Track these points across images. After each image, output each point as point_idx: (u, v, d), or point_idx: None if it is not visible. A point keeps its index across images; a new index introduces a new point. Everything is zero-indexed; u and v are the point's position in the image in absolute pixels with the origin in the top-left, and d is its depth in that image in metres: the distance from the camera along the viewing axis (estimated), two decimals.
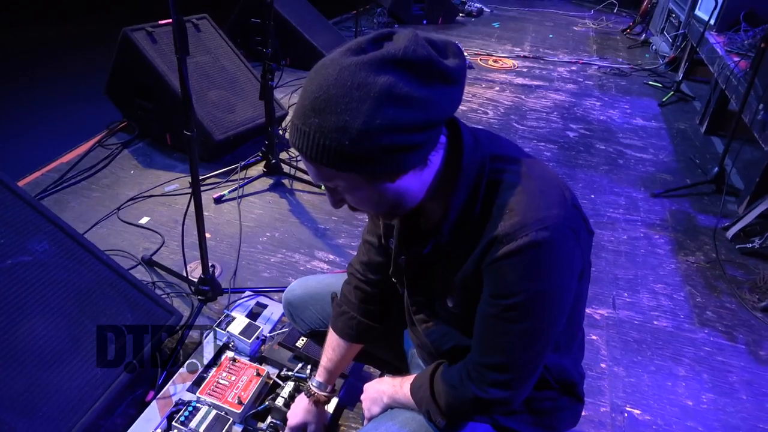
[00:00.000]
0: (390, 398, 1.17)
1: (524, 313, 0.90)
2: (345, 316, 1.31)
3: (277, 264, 2.37)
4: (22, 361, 1.45)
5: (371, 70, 0.77)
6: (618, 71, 5.43)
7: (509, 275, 0.88)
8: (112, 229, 2.50)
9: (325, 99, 0.78)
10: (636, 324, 2.22)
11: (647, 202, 3.12)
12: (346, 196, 0.91)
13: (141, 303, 1.77)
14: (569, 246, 0.89)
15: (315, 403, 1.42)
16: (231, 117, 3.12)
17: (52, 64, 4.49)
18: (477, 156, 0.93)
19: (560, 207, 0.89)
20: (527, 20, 7.44)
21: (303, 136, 0.81)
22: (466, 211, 0.93)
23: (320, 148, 0.80)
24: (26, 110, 3.64)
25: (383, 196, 0.88)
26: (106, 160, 3.02)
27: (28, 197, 1.73)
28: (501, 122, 4.05)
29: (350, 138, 0.77)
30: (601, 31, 7.16)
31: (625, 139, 3.95)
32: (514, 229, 0.86)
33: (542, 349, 0.96)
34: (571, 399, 1.15)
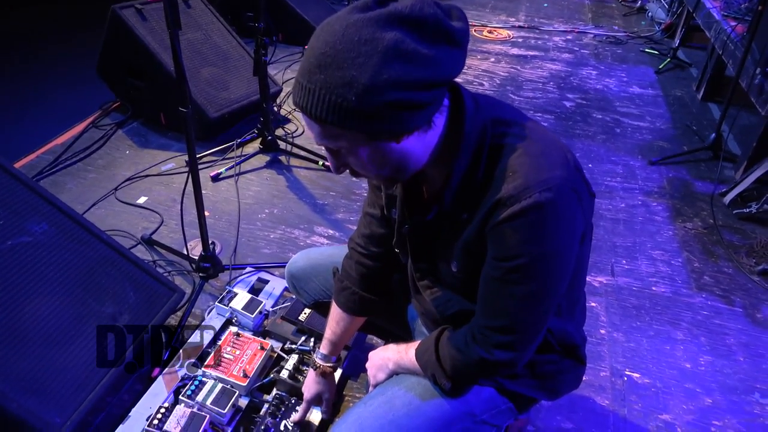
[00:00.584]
0: (395, 364, 1.19)
1: (527, 275, 0.91)
2: (347, 291, 1.32)
3: (276, 240, 2.37)
4: (27, 340, 1.46)
5: (378, 26, 0.77)
6: (614, 39, 5.38)
7: (513, 237, 0.89)
8: (110, 209, 2.49)
9: (332, 55, 0.78)
10: (634, 290, 2.24)
11: (645, 170, 3.12)
12: (349, 158, 0.90)
13: (143, 281, 1.78)
14: (572, 207, 0.90)
15: (322, 374, 1.44)
16: (225, 94, 3.09)
17: (43, 45, 4.41)
18: (478, 120, 0.93)
19: (563, 168, 0.90)
20: None
21: (308, 93, 0.81)
22: (469, 176, 0.93)
23: (325, 104, 0.79)
24: (18, 92, 3.59)
25: (387, 157, 0.88)
26: (101, 141, 3.00)
27: (26, 179, 1.72)
28: (497, 93, 4.02)
29: (356, 93, 0.77)
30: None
31: (622, 107, 3.93)
32: (518, 191, 0.86)
33: (546, 310, 0.97)
34: (573, 362, 1.17)
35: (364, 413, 1.09)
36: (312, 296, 1.51)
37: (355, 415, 1.10)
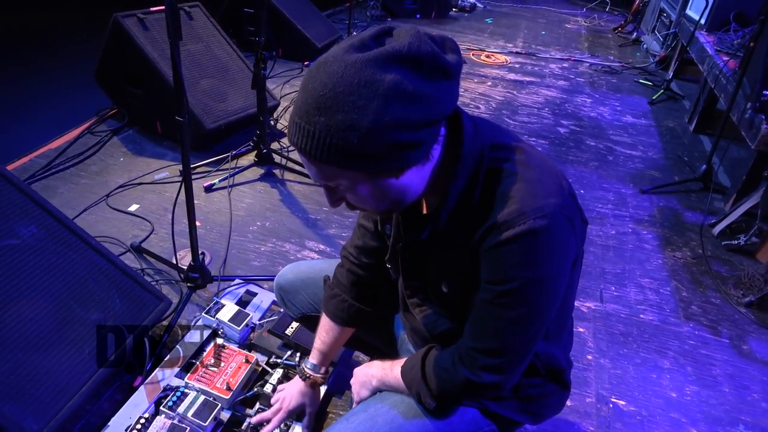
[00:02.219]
0: (379, 381, 1.18)
1: (518, 300, 0.91)
2: (336, 299, 1.32)
3: (267, 253, 2.36)
4: (8, 344, 1.43)
5: (377, 66, 0.76)
6: (609, 69, 5.47)
7: (506, 261, 0.89)
8: (101, 216, 2.48)
9: (332, 97, 0.77)
10: (623, 317, 2.25)
11: (636, 198, 3.15)
12: (348, 194, 0.91)
13: (130, 289, 1.76)
14: (565, 234, 0.91)
15: (311, 385, 1.43)
16: (222, 106, 3.10)
17: (42, 49, 4.43)
18: (477, 144, 0.93)
19: (558, 196, 0.90)
20: (520, 17, 7.46)
21: (307, 135, 0.80)
22: (465, 198, 0.94)
23: (326, 147, 0.79)
24: (15, 95, 3.59)
25: (385, 193, 0.89)
26: (96, 147, 2.99)
27: (17, 181, 1.71)
28: (493, 117, 4.06)
29: (359, 136, 0.77)
30: (592, 29, 7.20)
31: (615, 135, 3.98)
32: (513, 217, 0.87)
33: (534, 335, 0.97)
34: (558, 386, 1.16)
35: (346, 429, 1.08)
36: (299, 309, 1.50)
37: (337, 428, 1.09)
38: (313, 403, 1.46)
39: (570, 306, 1.14)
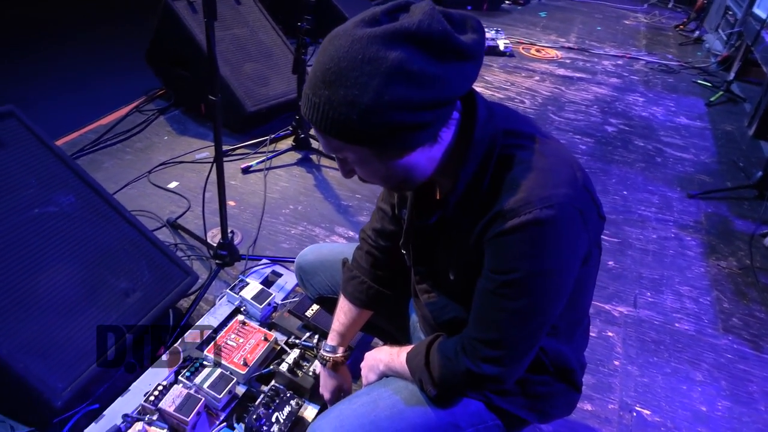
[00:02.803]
0: (386, 366, 1.17)
1: (520, 291, 0.89)
2: (355, 281, 1.32)
3: (297, 236, 2.39)
4: (40, 306, 1.51)
5: (383, 43, 0.75)
6: (666, 68, 5.24)
7: (509, 251, 0.87)
8: (142, 191, 2.57)
9: (336, 71, 0.77)
10: (656, 324, 2.16)
11: (682, 203, 3.01)
12: (356, 168, 0.91)
13: (159, 262, 1.82)
14: (574, 227, 0.87)
15: (333, 367, 1.40)
16: (264, 90, 3.15)
17: (99, 31, 4.61)
18: (489, 130, 0.91)
19: (569, 187, 0.87)
20: (576, 11, 7.24)
21: (313, 106, 0.81)
22: (474, 184, 0.92)
23: (329, 120, 0.80)
24: (72, 74, 3.76)
25: (391, 171, 0.88)
26: (142, 125, 3.09)
27: (60, 152, 1.79)
28: (537, 112, 3.97)
29: (358, 113, 0.77)
30: (652, 25, 6.91)
31: (666, 137, 3.81)
32: (518, 205, 0.85)
33: (536, 329, 0.94)
34: (567, 386, 1.13)
35: (347, 410, 1.08)
36: (317, 290, 1.51)
37: (338, 411, 1.09)
38: (346, 380, 1.42)
39: (584, 305, 1.10)
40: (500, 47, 5.05)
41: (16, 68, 3.74)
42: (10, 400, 1.49)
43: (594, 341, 2.04)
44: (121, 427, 1.42)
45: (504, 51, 5.06)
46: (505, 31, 5.47)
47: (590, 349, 1.98)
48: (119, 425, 1.42)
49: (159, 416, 1.45)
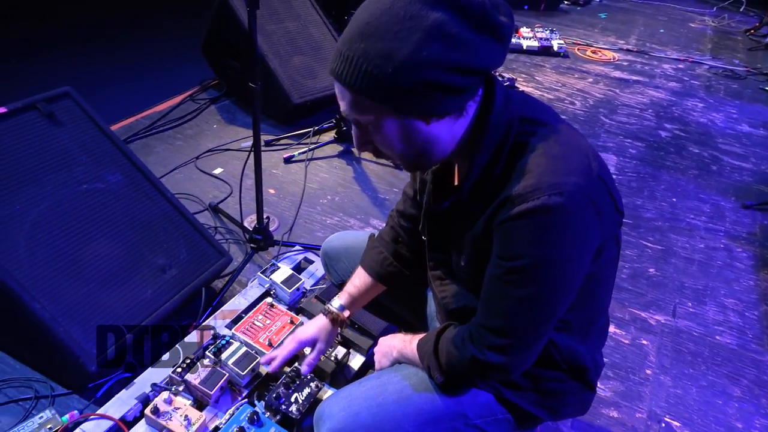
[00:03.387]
0: (399, 353, 1.19)
1: (527, 278, 0.88)
2: (374, 251, 1.35)
3: (332, 226, 2.43)
4: (83, 275, 1.60)
5: (426, 4, 0.78)
6: (731, 73, 4.99)
7: (517, 237, 0.87)
8: (189, 175, 2.67)
9: (375, 25, 0.79)
10: (695, 336, 2.07)
11: (736, 213, 2.87)
12: (375, 135, 0.91)
13: (197, 242, 1.90)
14: (585, 217, 0.86)
15: (332, 321, 1.40)
16: (311, 83, 3.21)
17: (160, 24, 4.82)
18: (505, 117, 0.91)
19: (581, 175, 0.86)
20: (638, 12, 6.98)
21: (345, 60, 0.82)
22: (488, 170, 0.92)
23: (361, 73, 0.81)
24: (134, 63, 3.95)
25: (412, 137, 0.88)
26: (194, 113, 3.21)
27: (111, 134, 1.89)
28: (587, 114, 3.86)
29: (394, 66, 0.78)
30: (720, 29, 6.58)
31: (725, 144, 3.64)
32: (527, 191, 0.84)
33: (543, 320, 0.93)
34: (581, 385, 1.11)
35: (356, 392, 1.10)
36: (340, 276, 1.54)
37: (347, 392, 1.11)
38: (326, 340, 1.43)
39: (600, 303, 1.08)
40: (554, 47, 4.94)
41: (84, 55, 3.97)
42: (51, 363, 1.59)
43: (626, 348, 1.98)
44: (149, 395, 1.49)
45: (558, 51, 4.95)
46: (561, 32, 5.35)
47: (622, 356, 1.93)
48: (148, 393, 1.50)
49: (185, 387, 1.51)
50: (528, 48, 4.93)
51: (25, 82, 3.37)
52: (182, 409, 1.42)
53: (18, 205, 1.58)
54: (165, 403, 1.42)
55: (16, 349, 1.66)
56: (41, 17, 4.63)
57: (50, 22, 4.57)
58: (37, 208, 1.61)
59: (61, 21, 4.63)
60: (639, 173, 3.16)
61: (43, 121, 1.74)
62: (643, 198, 2.91)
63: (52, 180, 1.67)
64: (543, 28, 5.30)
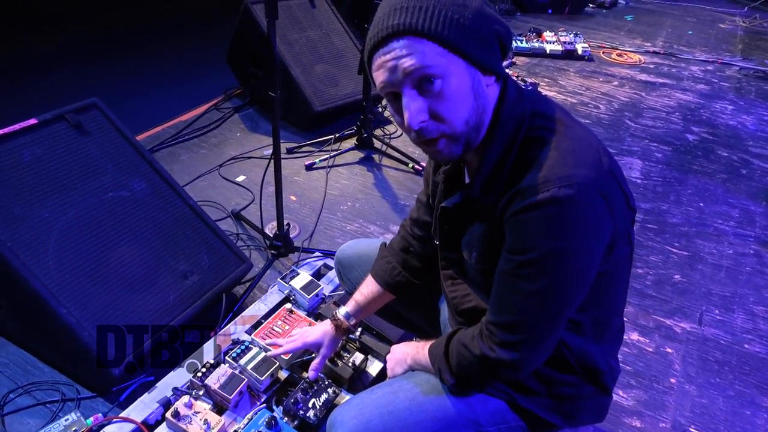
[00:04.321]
0: (412, 359, 1.19)
1: (537, 271, 0.88)
2: (383, 260, 1.36)
3: (352, 232, 2.45)
4: (109, 281, 1.65)
5: None
6: (763, 75, 4.86)
7: (527, 230, 0.87)
8: (212, 183, 2.72)
9: None
10: (722, 344, 2.02)
11: (766, 218, 2.79)
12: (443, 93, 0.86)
13: (218, 248, 1.93)
14: (595, 210, 0.85)
15: (336, 327, 1.41)
16: (333, 90, 3.24)
17: (187, 34, 4.93)
18: (517, 111, 0.93)
19: (591, 169, 0.86)
20: (666, 14, 6.87)
21: (418, 11, 0.84)
22: (500, 164, 0.93)
23: (442, 18, 0.84)
24: (162, 74, 4.05)
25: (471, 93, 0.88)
26: (218, 122, 3.28)
27: (136, 143, 1.94)
28: (612, 118, 3.81)
29: (471, 14, 0.85)
30: (752, 30, 6.43)
31: (755, 147, 3.54)
32: (537, 183, 0.85)
33: (554, 315, 0.92)
34: (596, 389, 1.09)
35: (368, 399, 1.11)
36: (353, 284, 1.55)
37: (359, 399, 1.12)
38: (330, 346, 1.43)
39: (614, 304, 1.06)
40: (578, 51, 4.89)
41: (114, 66, 4.09)
42: (77, 366, 1.63)
43: (650, 356, 1.94)
44: (170, 399, 1.52)
45: (582, 55, 4.90)
46: (586, 35, 5.29)
47: (645, 364, 1.90)
48: (169, 397, 1.53)
49: (205, 392, 1.54)
50: (551, 52, 4.89)
51: (55, 93, 3.49)
52: (202, 413, 1.44)
53: (47, 212, 1.63)
54: (185, 407, 1.44)
55: (44, 352, 1.71)
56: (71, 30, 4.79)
57: (80, 34, 4.73)
58: (65, 215, 1.66)
59: (91, 34, 4.78)
60: (665, 177, 3.10)
61: (72, 132, 1.80)
62: (669, 203, 2.86)
63: (79, 188, 1.72)
64: (567, 31, 5.25)
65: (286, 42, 3.17)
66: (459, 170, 1.09)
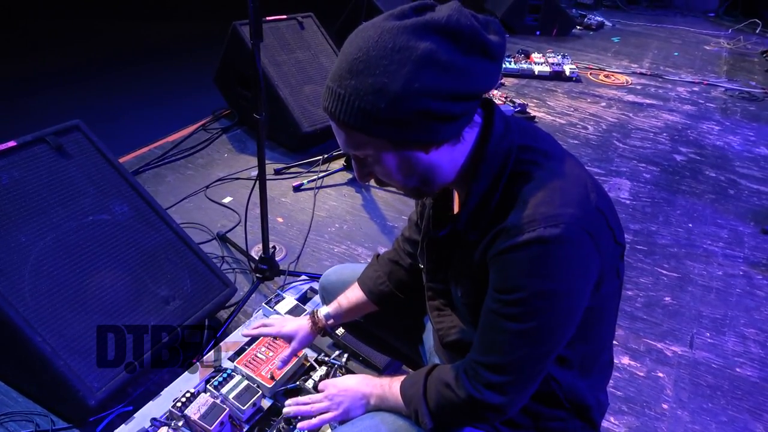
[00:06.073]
0: (378, 399, 1.11)
1: (524, 312, 0.85)
2: (371, 269, 1.35)
3: (339, 254, 2.42)
4: (87, 307, 1.60)
5: (414, 34, 0.77)
6: (748, 95, 4.92)
7: (513, 269, 0.85)
8: (198, 204, 2.69)
9: (364, 60, 0.78)
10: (714, 368, 1.99)
11: (755, 239, 2.79)
12: (375, 167, 0.90)
13: (201, 272, 1.89)
14: (583, 249, 0.83)
15: (312, 324, 1.39)
16: (322, 111, 3.20)
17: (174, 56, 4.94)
18: (503, 145, 0.90)
19: (578, 207, 0.84)
20: (652, 36, 6.97)
21: (337, 98, 0.81)
22: (485, 199, 0.91)
23: (354, 110, 0.80)
24: (149, 95, 4.03)
25: (413, 168, 0.87)
26: (205, 143, 3.25)
27: (119, 165, 1.91)
28: (600, 139, 3.83)
29: (387, 101, 0.78)
30: (736, 51, 6.53)
31: (742, 168, 3.56)
32: (523, 223, 0.83)
33: (542, 356, 0.90)
34: (584, 424, 1.06)
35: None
36: None
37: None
38: (302, 341, 1.40)
39: (602, 338, 1.04)
40: (566, 72, 4.94)
41: (101, 87, 4.07)
42: (51, 396, 1.58)
43: (642, 381, 1.91)
44: (148, 431, 1.47)
45: (570, 76, 4.94)
46: (573, 57, 5.35)
47: (637, 389, 1.87)
48: (147, 428, 1.48)
49: (185, 422, 1.49)
50: (540, 73, 4.93)
51: (42, 115, 3.45)
52: None
53: (24, 236, 1.59)
54: None
55: (18, 381, 1.66)
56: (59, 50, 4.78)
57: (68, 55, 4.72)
58: (42, 239, 1.62)
59: (79, 54, 4.77)
60: (653, 198, 3.10)
61: (52, 154, 1.77)
62: (658, 224, 2.85)
63: (58, 212, 1.68)
64: (555, 53, 5.30)
65: (274, 63, 3.17)
66: (448, 198, 1.06)
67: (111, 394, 1.53)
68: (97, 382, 1.51)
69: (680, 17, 8.22)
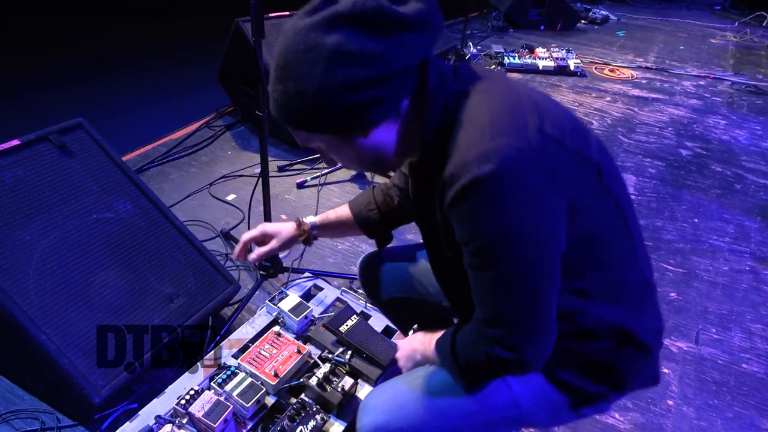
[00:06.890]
0: (422, 356, 1.14)
1: (489, 259, 0.83)
2: (364, 195, 1.39)
3: (343, 251, 2.41)
4: (92, 305, 1.60)
5: (321, 30, 0.78)
6: (754, 89, 4.88)
7: (463, 218, 0.83)
8: (202, 202, 2.69)
9: (284, 65, 0.81)
10: (720, 364, 1.98)
11: (762, 234, 2.78)
12: (331, 155, 0.93)
13: (205, 270, 1.89)
14: (526, 178, 0.79)
15: (297, 227, 1.42)
16: None
17: (178, 53, 4.94)
18: (441, 98, 0.88)
19: (512, 136, 0.80)
20: (657, 30, 6.93)
21: (274, 102, 0.85)
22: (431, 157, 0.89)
23: (287, 112, 0.84)
24: (152, 92, 4.04)
25: (362, 153, 0.89)
26: (209, 140, 3.25)
27: (122, 163, 1.91)
28: (605, 133, 3.81)
29: (310, 101, 0.80)
30: (742, 45, 6.48)
31: (749, 162, 3.54)
32: (457, 169, 0.80)
33: (532, 299, 0.85)
34: (635, 351, 0.99)
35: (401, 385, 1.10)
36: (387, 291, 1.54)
37: (392, 384, 1.12)
38: (283, 241, 1.42)
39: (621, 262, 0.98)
40: (570, 67, 4.91)
41: (105, 85, 4.08)
42: (56, 394, 1.59)
43: None
44: (153, 428, 1.48)
45: (574, 71, 4.91)
46: (578, 51, 5.32)
47: None
48: (151, 426, 1.48)
49: (189, 420, 1.49)
50: (544, 68, 4.91)
51: (45, 113, 3.46)
52: None
53: (28, 235, 1.59)
54: None
55: (23, 379, 1.66)
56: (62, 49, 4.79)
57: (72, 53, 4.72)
58: (46, 238, 1.62)
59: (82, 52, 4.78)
60: (659, 193, 3.08)
61: (55, 153, 1.77)
62: (664, 219, 2.84)
63: (62, 210, 1.69)
64: (559, 47, 5.27)
65: None
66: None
67: (115, 391, 1.53)
68: (102, 380, 1.51)
69: (686, 10, 8.17)
